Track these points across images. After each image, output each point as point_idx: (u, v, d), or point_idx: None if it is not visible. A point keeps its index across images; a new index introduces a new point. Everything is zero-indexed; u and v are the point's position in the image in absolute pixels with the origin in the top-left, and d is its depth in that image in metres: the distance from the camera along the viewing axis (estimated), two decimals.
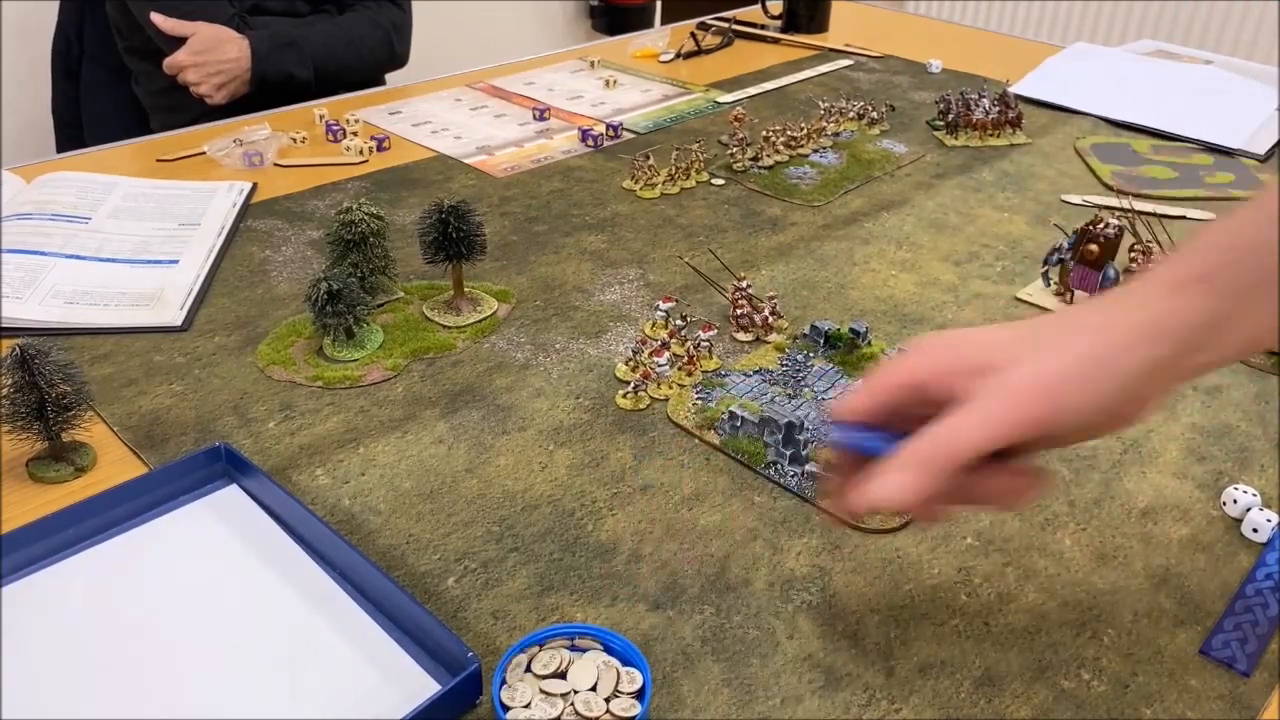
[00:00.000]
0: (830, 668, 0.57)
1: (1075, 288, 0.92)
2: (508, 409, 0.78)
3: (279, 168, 1.19)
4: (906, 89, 1.53)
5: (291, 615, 0.59)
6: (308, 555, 0.63)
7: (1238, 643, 0.59)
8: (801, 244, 1.04)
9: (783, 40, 1.77)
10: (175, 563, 0.63)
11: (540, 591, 0.61)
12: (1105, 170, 1.23)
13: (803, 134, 1.26)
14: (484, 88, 1.50)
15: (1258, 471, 0.73)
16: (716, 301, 0.93)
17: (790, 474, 0.70)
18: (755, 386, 0.80)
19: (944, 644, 0.59)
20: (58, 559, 0.62)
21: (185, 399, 0.78)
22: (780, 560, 0.64)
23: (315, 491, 0.69)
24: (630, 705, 0.52)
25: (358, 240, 0.86)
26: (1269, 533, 0.67)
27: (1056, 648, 0.59)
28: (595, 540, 0.65)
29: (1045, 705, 0.55)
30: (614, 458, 0.73)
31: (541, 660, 0.54)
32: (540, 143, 1.29)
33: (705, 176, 1.19)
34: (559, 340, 0.87)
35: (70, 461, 0.70)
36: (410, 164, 1.22)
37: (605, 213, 1.10)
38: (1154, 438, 0.76)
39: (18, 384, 0.66)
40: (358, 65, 1.58)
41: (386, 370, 0.81)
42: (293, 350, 0.83)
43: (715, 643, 0.58)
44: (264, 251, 1.00)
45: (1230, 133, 1.33)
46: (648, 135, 1.32)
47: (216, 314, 0.89)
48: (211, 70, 1.44)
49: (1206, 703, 0.55)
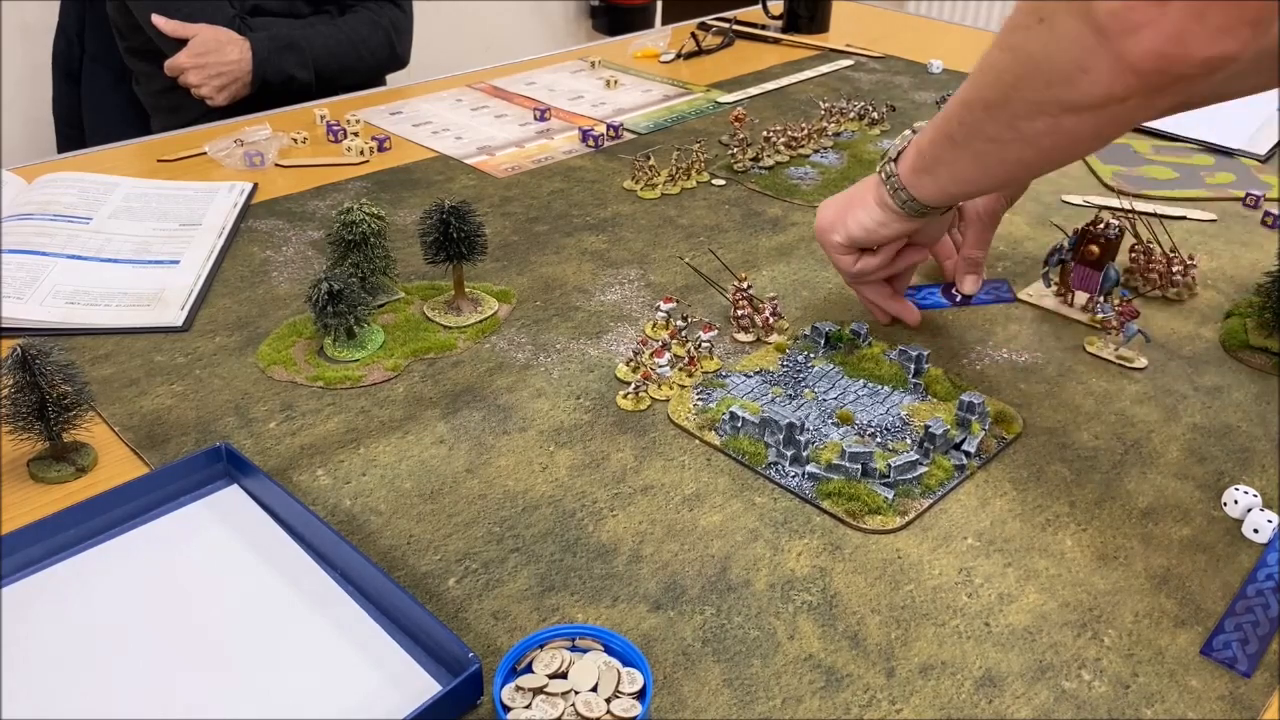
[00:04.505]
0: (831, 668, 0.57)
1: (1076, 288, 0.92)
2: (508, 409, 0.78)
3: (280, 168, 1.19)
4: (907, 89, 1.53)
5: (292, 616, 0.59)
6: (308, 556, 0.63)
7: (1238, 643, 0.59)
8: (802, 244, 1.04)
9: (783, 40, 1.77)
10: (176, 563, 0.63)
11: (541, 592, 0.61)
12: (1106, 171, 1.23)
13: (803, 134, 1.26)
14: (485, 88, 1.50)
15: (1258, 472, 0.73)
16: (717, 302, 0.93)
17: (791, 475, 0.70)
18: (756, 387, 0.80)
19: (944, 644, 0.59)
20: (59, 559, 0.62)
21: (186, 399, 0.78)
22: (781, 561, 0.64)
23: (316, 492, 0.69)
24: (631, 706, 0.52)
25: (359, 240, 0.86)
26: (1269, 533, 0.67)
27: (1057, 648, 0.59)
28: (596, 541, 0.65)
29: (1046, 706, 0.55)
30: (615, 458, 0.73)
31: (542, 661, 0.54)
32: (541, 143, 1.29)
33: (706, 177, 1.19)
34: (560, 341, 0.87)
35: (71, 462, 0.70)
36: (411, 164, 1.22)
37: (606, 213, 1.10)
38: (1155, 438, 0.76)
39: (19, 384, 0.66)
40: (358, 66, 1.58)
41: (387, 370, 0.81)
42: (293, 350, 0.83)
43: (716, 643, 0.58)
44: (265, 252, 1.00)
45: (1230, 133, 1.33)
46: (648, 135, 1.32)
47: (217, 314, 0.90)
48: (213, 72, 1.44)
49: (1207, 703, 0.55)
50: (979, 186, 0.78)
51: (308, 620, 0.58)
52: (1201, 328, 0.91)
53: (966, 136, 0.68)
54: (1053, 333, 0.90)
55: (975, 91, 0.66)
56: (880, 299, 0.89)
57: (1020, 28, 0.60)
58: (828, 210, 0.84)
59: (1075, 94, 0.58)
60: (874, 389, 0.80)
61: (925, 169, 0.74)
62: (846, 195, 0.84)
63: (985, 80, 0.64)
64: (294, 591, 0.60)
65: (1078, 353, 0.87)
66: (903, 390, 0.80)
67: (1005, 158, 0.68)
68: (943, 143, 0.71)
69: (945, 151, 0.72)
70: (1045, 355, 0.86)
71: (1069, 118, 0.60)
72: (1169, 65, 0.53)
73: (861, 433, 0.75)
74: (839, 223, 0.83)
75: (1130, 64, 0.53)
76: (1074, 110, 0.60)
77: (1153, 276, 0.96)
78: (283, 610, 0.59)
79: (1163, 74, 0.53)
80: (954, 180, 0.74)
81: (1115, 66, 0.54)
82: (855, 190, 0.83)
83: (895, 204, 0.77)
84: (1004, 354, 0.86)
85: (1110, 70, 0.55)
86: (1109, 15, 0.53)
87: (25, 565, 0.61)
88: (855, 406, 0.77)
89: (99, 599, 0.60)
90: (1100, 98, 0.57)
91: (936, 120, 0.72)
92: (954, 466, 0.71)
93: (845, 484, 0.69)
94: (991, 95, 0.64)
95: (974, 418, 0.75)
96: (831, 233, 0.83)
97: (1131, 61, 0.53)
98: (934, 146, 0.73)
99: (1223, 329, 0.90)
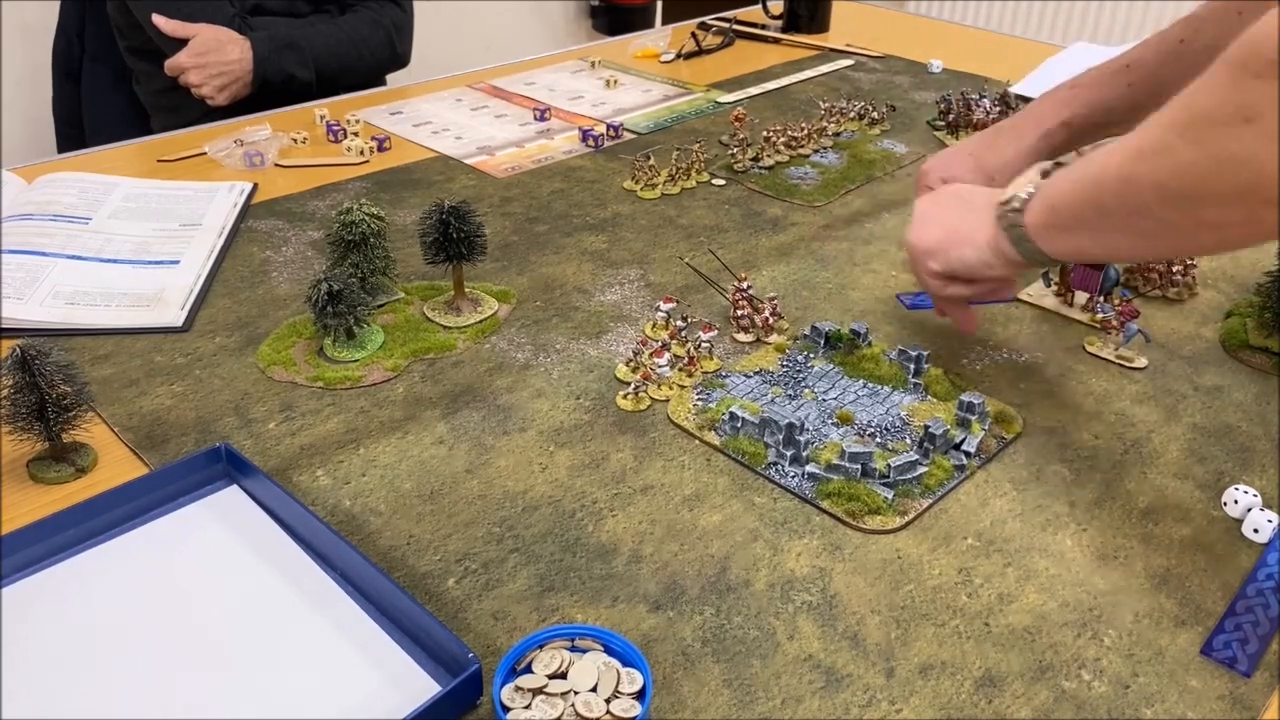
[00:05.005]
0: (831, 668, 0.57)
1: (1076, 288, 0.92)
2: (508, 409, 0.78)
3: (280, 168, 1.19)
4: (907, 89, 1.53)
5: (292, 616, 0.59)
6: (308, 556, 0.63)
7: (1239, 643, 0.59)
8: (802, 244, 1.04)
9: (783, 40, 1.77)
10: (176, 563, 0.63)
11: (541, 592, 0.61)
12: None
13: (803, 134, 1.26)
14: (484, 88, 1.50)
15: (1258, 472, 0.73)
16: (717, 302, 0.93)
17: (791, 475, 0.70)
18: (755, 387, 0.80)
19: (944, 644, 0.59)
20: (58, 559, 0.62)
21: (186, 399, 0.78)
22: (781, 561, 0.64)
23: (316, 492, 0.69)
24: (630, 706, 0.52)
25: (358, 241, 0.86)
26: (1269, 533, 0.67)
27: (1057, 648, 0.59)
28: (596, 541, 0.65)
29: (1046, 706, 0.55)
30: (614, 458, 0.73)
31: (542, 661, 0.54)
32: (541, 143, 1.29)
33: (706, 177, 1.19)
34: (559, 341, 0.87)
35: (71, 462, 0.70)
36: (411, 164, 1.22)
37: (606, 213, 1.10)
38: (1155, 438, 0.76)
39: (18, 385, 0.66)
40: (359, 66, 1.58)
41: (387, 371, 0.81)
42: (293, 351, 0.83)
43: (716, 643, 0.58)
44: (265, 252, 1.00)
45: None
46: (648, 135, 1.32)
47: (217, 314, 0.90)
48: (213, 72, 1.44)
49: (1207, 703, 0.55)
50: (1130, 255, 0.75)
51: (307, 620, 0.58)
52: (1201, 328, 0.91)
53: (1127, 214, 0.63)
54: (1053, 333, 0.90)
55: (1148, 173, 0.59)
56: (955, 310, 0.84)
57: (1219, 124, 0.54)
58: (927, 232, 0.79)
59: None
60: (874, 389, 0.80)
61: (1062, 227, 0.68)
62: (951, 223, 0.78)
63: (1162, 166, 0.58)
64: (294, 592, 0.60)
65: (1078, 353, 0.87)
66: (903, 390, 0.80)
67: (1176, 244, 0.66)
68: (1090, 209, 0.66)
69: (1093, 217, 0.66)
70: (1045, 355, 0.86)
71: (1269, 210, 0.55)
72: None
73: (861, 433, 0.75)
74: (940, 252, 0.77)
75: None
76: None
77: (1153, 276, 0.96)
78: (282, 610, 0.59)
79: None
80: (1098, 245, 0.69)
81: None
82: (964, 222, 0.76)
83: (1017, 254, 0.72)
84: (1004, 354, 0.86)
85: None
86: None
87: (25, 565, 0.61)
88: (855, 407, 0.77)
89: (99, 599, 0.60)
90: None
91: (1079, 178, 0.66)
92: (954, 466, 0.71)
93: (845, 484, 0.69)
94: (1173, 185, 0.58)
95: (974, 418, 0.75)
96: (930, 259, 0.78)
97: None
98: (1077, 208, 0.67)
99: (1223, 329, 0.90)
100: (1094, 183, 0.65)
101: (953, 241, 0.76)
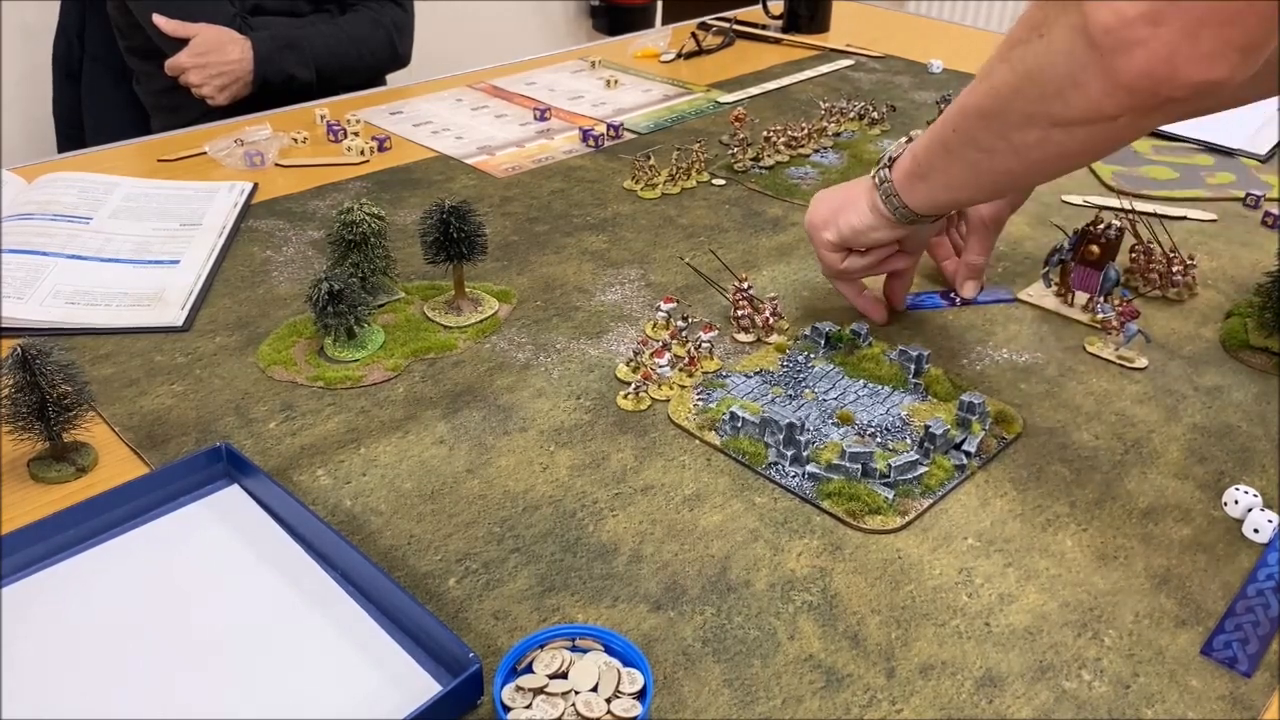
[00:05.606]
0: (831, 668, 0.57)
1: (1076, 288, 0.92)
2: (509, 409, 0.78)
3: (280, 168, 1.19)
4: (907, 89, 1.53)
5: (292, 616, 0.59)
6: (309, 556, 0.63)
7: (1239, 643, 0.59)
8: (803, 244, 1.04)
9: (783, 40, 1.77)
10: (176, 563, 0.63)
11: (541, 592, 0.61)
12: (1106, 171, 1.23)
13: (803, 134, 1.26)
14: (485, 88, 1.50)
15: (1259, 472, 0.73)
16: (717, 302, 0.93)
17: (791, 475, 0.70)
18: (756, 387, 0.80)
19: (945, 644, 0.59)
20: (59, 559, 0.62)
21: (186, 399, 0.78)
22: (781, 561, 0.64)
23: (316, 492, 0.69)
24: (631, 706, 0.52)
25: (359, 240, 0.86)
26: (1270, 533, 0.67)
27: (1057, 648, 0.59)
28: (596, 541, 0.65)
29: (1046, 706, 0.55)
30: (615, 458, 0.73)
31: (543, 661, 0.54)
32: (541, 143, 1.29)
33: (706, 177, 1.19)
34: (560, 341, 0.87)
35: (71, 462, 0.70)
36: (411, 164, 1.22)
37: (606, 213, 1.10)
38: (1155, 438, 0.76)
39: (19, 384, 0.66)
40: (359, 65, 1.59)
41: (387, 370, 0.81)
42: (294, 350, 0.83)
43: (716, 643, 0.58)
44: (265, 252, 1.00)
45: (1231, 133, 1.33)
46: (648, 135, 1.32)
47: (218, 314, 0.90)
48: (214, 72, 1.45)
49: (1208, 703, 0.55)
50: (968, 196, 0.79)
51: (308, 620, 0.58)
52: (1201, 328, 0.91)
53: (960, 144, 0.69)
54: (1053, 333, 0.90)
55: (972, 100, 0.67)
56: (851, 294, 0.90)
57: (1019, 41, 0.61)
58: (821, 206, 0.85)
59: (1067, 108, 0.59)
60: (874, 389, 0.80)
61: (919, 175, 0.75)
62: (841, 192, 0.84)
63: (982, 89, 0.65)
64: (294, 591, 0.60)
65: (1078, 353, 0.87)
66: (903, 390, 0.80)
67: (994, 168, 0.69)
68: (937, 149, 0.72)
69: (939, 158, 0.72)
70: (1045, 355, 0.86)
71: (1059, 132, 0.61)
72: (1158, 86, 0.53)
73: (861, 433, 0.75)
74: (831, 221, 0.84)
75: (1121, 82, 0.54)
76: (1064, 124, 0.60)
77: (1153, 276, 0.96)
78: (283, 610, 0.59)
79: (1152, 94, 0.54)
80: (944, 188, 0.74)
81: (1106, 83, 0.55)
82: (850, 189, 0.84)
83: (887, 210, 0.79)
84: (1004, 354, 0.86)
85: (1101, 87, 0.55)
86: (1103, 32, 0.53)
87: (25, 565, 0.61)
88: (855, 407, 0.77)
89: (99, 599, 0.60)
90: (1091, 113, 0.58)
91: (933, 127, 0.73)
92: (954, 466, 0.71)
93: (845, 484, 0.69)
94: (987, 104, 0.65)
95: (974, 418, 0.75)
96: (823, 229, 0.84)
97: (1122, 79, 0.54)
98: (928, 153, 0.73)
99: (1223, 329, 0.90)
100: (940, 124, 0.71)
101: (841, 208, 0.83)
